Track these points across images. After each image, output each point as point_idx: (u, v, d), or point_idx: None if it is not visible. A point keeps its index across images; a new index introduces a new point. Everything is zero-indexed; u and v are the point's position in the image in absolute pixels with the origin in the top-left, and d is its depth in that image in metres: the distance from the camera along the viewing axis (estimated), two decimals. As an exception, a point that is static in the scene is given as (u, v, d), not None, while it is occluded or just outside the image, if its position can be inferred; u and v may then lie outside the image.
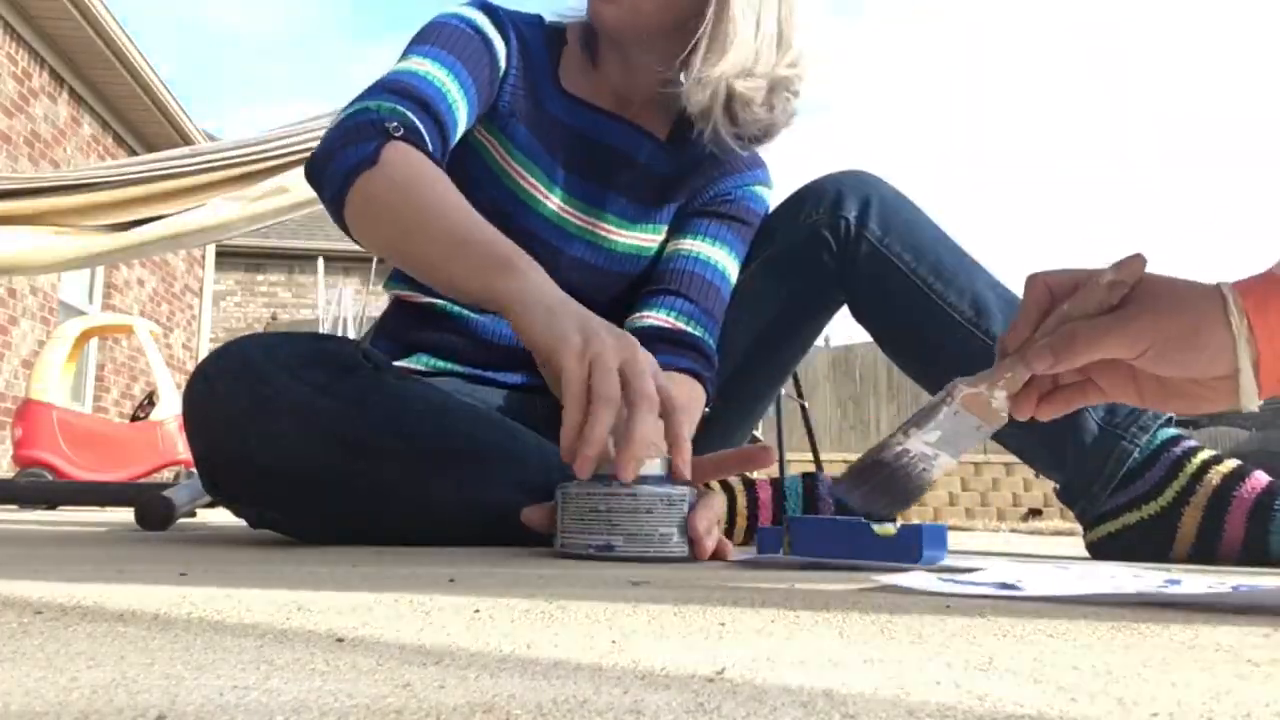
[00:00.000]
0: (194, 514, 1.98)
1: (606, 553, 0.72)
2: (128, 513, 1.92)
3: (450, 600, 0.46)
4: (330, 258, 9.29)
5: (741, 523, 1.08)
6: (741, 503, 1.08)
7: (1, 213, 2.76)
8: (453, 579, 0.56)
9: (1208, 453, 0.99)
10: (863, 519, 0.72)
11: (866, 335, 1.19)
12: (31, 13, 5.69)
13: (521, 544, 0.88)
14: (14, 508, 2.80)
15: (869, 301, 1.15)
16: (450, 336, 1.09)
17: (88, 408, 6.69)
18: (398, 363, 1.06)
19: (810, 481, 1.11)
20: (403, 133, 0.86)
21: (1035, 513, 6.46)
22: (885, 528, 0.70)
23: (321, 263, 7.61)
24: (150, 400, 5.00)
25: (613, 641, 0.35)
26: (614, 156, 1.10)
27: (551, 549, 0.78)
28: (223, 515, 1.99)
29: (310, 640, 0.34)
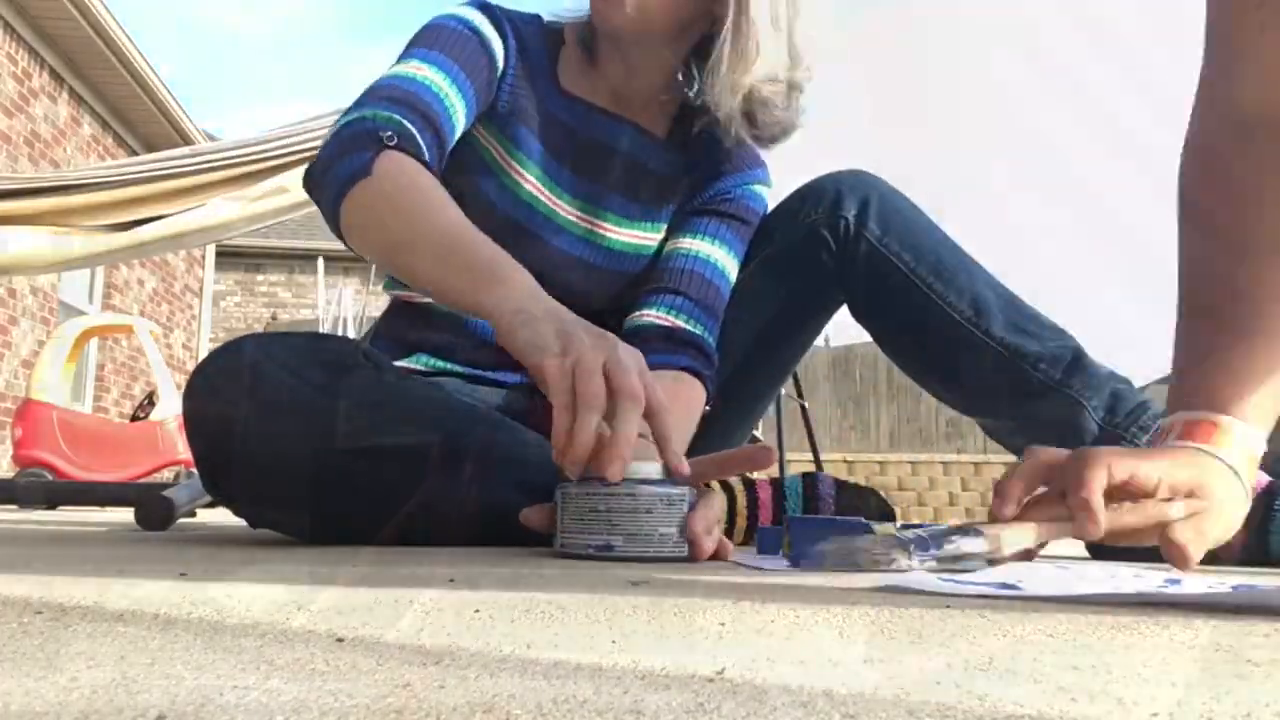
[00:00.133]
0: (194, 514, 1.98)
1: (606, 553, 0.72)
2: (128, 513, 1.91)
3: (450, 600, 0.46)
4: (330, 258, 9.28)
5: (741, 523, 1.08)
6: (741, 503, 1.08)
7: (1, 213, 2.76)
8: (453, 579, 0.56)
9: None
10: (862, 519, 0.72)
11: (866, 335, 1.19)
12: (31, 13, 5.69)
13: (521, 544, 0.88)
14: (14, 508, 2.80)
15: (868, 301, 1.15)
16: (450, 336, 1.09)
17: (88, 408, 6.69)
18: (398, 363, 1.06)
19: (810, 481, 1.11)
20: (397, 141, 0.87)
21: (1035, 513, 6.44)
22: (885, 527, 0.70)
23: (321, 263, 7.60)
24: (150, 400, 5.00)
25: (613, 641, 0.35)
26: (613, 156, 1.11)
27: (551, 549, 0.78)
28: (223, 515, 1.99)
29: (310, 640, 0.34)
